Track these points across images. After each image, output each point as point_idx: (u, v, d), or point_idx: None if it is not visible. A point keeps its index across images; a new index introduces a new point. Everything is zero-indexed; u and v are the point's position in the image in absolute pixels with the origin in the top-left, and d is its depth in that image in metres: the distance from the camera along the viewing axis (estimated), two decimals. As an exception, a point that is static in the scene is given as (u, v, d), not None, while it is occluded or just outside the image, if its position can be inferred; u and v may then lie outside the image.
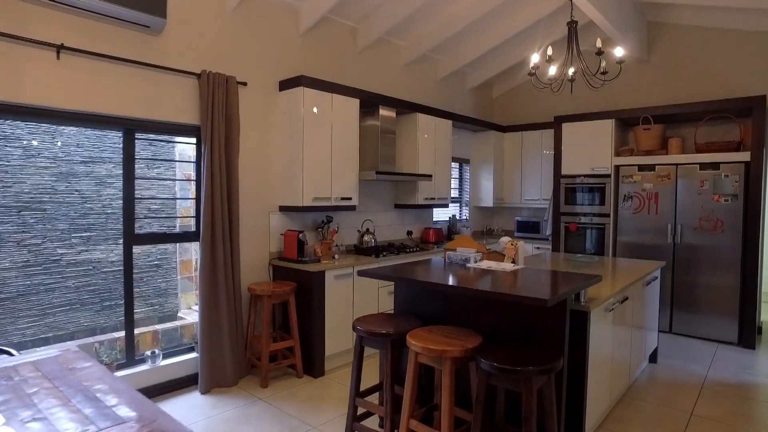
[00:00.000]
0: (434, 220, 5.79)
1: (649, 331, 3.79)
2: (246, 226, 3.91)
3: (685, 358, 4.17)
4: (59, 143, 3.12)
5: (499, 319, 2.53)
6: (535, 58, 3.63)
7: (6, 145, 2.90)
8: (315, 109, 3.98)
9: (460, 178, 6.37)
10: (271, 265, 4.08)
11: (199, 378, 3.50)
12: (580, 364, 2.48)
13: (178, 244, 3.83)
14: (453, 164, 6.22)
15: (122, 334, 3.38)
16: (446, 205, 5.46)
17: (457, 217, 6.32)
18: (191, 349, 3.72)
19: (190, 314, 4.03)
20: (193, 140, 3.72)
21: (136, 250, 3.47)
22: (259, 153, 4.00)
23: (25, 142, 2.98)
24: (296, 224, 4.27)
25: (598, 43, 3.31)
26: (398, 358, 2.95)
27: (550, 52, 3.50)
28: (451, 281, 2.44)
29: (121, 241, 3.33)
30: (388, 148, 4.72)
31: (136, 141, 3.37)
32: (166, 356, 3.56)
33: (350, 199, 4.30)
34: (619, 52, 3.47)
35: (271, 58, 4.06)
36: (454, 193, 6.27)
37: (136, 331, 3.47)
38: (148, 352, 3.43)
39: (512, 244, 2.89)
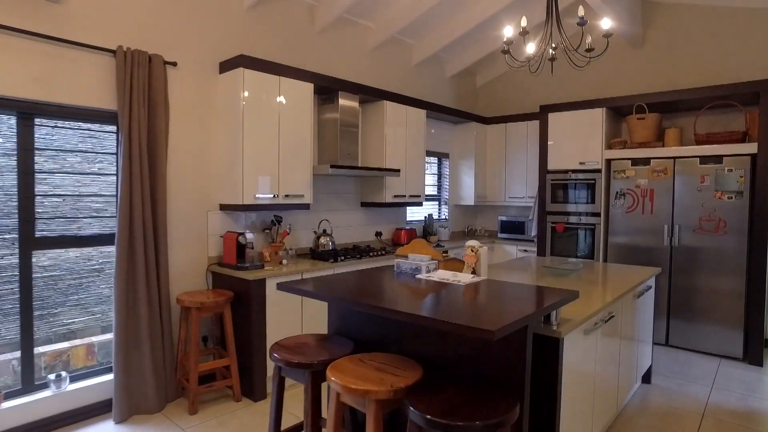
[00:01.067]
0: (408, 219, 5.28)
1: (642, 348, 3.28)
2: (178, 227, 3.40)
3: (683, 377, 3.65)
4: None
5: (447, 347, 2.02)
6: (508, 32, 3.11)
7: None
8: (258, 94, 3.46)
9: (439, 174, 5.86)
10: (210, 271, 3.57)
11: (113, 404, 2.99)
12: (550, 401, 1.96)
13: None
14: (430, 159, 5.71)
15: (18, 354, 2.87)
16: (420, 204, 4.95)
17: (435, 217, 5.81)
18: (110, 370, 3.21)
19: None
20: (114, 128, 3.21)
21: (74, 253, 2.98)
22: (195, 144, 3.49)
23: None
24: (241, 225, 3.75)
25: (581, 11, 2.79)
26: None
27: (524, 23, 2.99)
28: (385, 298, 1.93)
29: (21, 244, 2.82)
30: (349, 139, 4.21)
31: (59, 130, 2.86)
32: (77, 378, 3.05)
33: (302, 196, 3.78)
34: (606, 23, 2.95)
35: (209, 36, 3.54)
36: (432, 191, 5.76)
37: (67, 344, 2.98)
38: (52, 376, 2.91)
39: (473, 251, 2.38)
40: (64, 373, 2.96)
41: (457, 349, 1.99)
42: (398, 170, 4.37)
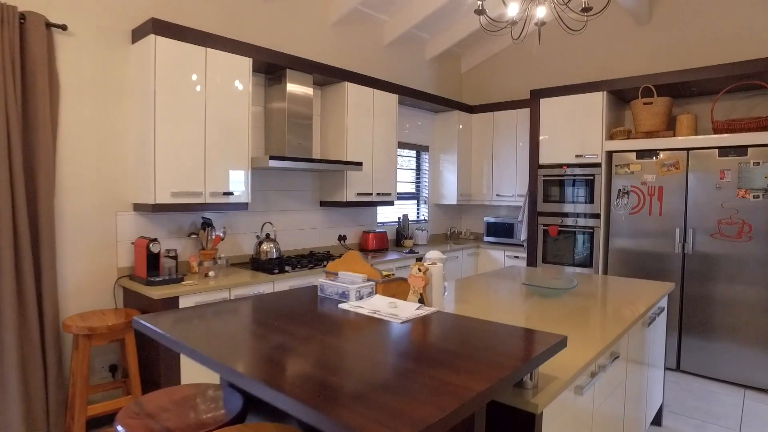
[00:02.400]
0: (378, 221, 4.61)
1: (652, 386, 2.61)
2: (76, 232, 2.73)
3: (701, 416, 2.98)
4: None
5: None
6: (481, -16, 2.44)
7: None
8: (175, 68, 2.79)
9: (418, 170, 5.19)
10: (120, 286, 2.91)
11: (-28, 463, 2.32)
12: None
13: None
14: (407, 152, 5.04)
15: None
16: (391, 203, 4.28)
17: (413, 218, 5.14)
18: (-21, 414, 2.54)
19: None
20: (-16, 108, 2.53)
21: None
22: (101, 130, 2.82)
23: None
24: (163, 229, 3.09)
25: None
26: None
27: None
28: (269, 343, 1.26)
29: None
30: (299, 126, 3.54)
31: None
32: (-69, 428, 2.39)
33: (235, 194, 3.11)
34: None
35: (116, -5, 2.87)
36: (409, 188, 5.08)
37: None
38: None
39: (420, 271, 1.70)
40: None
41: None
42: (360, 163, 3.70)
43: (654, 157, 3.76)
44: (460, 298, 2.30)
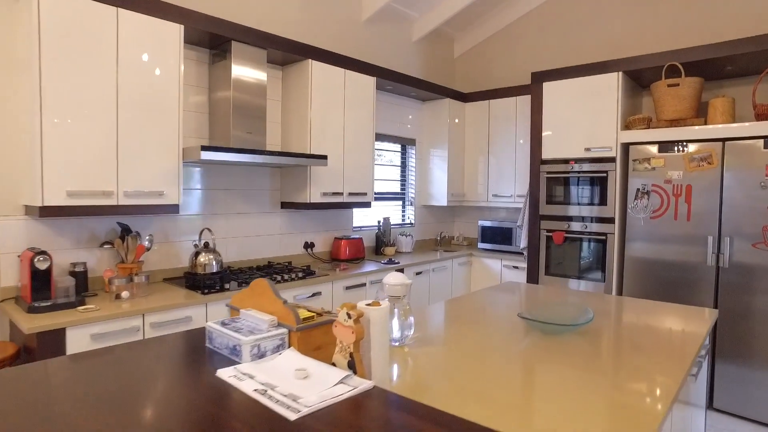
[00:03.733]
0: (354, 225, 3.97)
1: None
2: (-64, 245, 2.11)
3: (746, 478, 2.34)
4: None
5: None
6: None
7: None
8: (72, 31, 2.16)
9: (404, 166, 4.55)
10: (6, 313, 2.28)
11: None
12: None
13: None
14: (391, 145, 4.40)
15: None
16: (367, 204, 3.64)
17: (397, 221, 4.50)
18: None
19: None
20: None
21: None
22: (-27, 110, 2.20)
23: None
24: (67, 238, 2.46)
25: None
26: None
27: None
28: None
29: None
30: (250, 111, 2.91)
31: None
32: None
33: (161, 194, 2.48)
34: None
35: (-1, -60, 2.24)
36: (392, 187, 4.45)
37: None
38: None
39: (350, 317, 1.06)
40: None
41: None
42: (324, 157, 3.06)
43: (681, 150, 3.11)
44: (431, 338, 1.66)
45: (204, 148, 2.44)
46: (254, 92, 2.92)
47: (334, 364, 1.11)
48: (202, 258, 2.70)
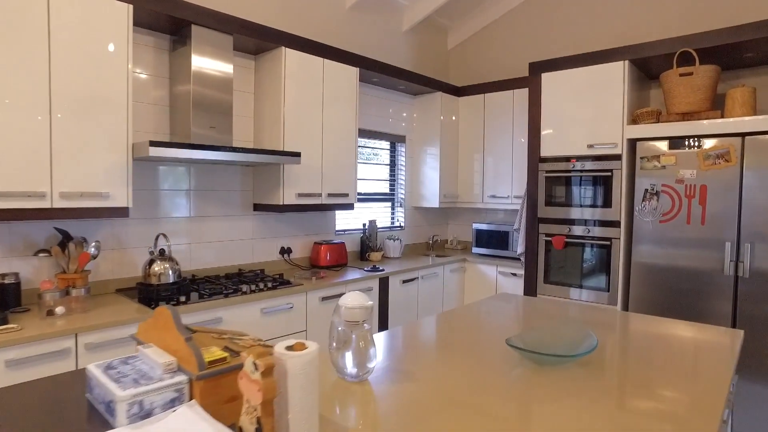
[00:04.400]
0: (337, 229, 3.67)
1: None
2: None
3: None
4: None
5: None
6: None
7: None
8: (-10, 5, 1.87)
9: (393, 165, 4.25)
10: (-76, 330, 1.99)
11: None
12: None
13: None
14: (378, 143, 4.11)
15: None
16: (349, 206, 3.35)
17: (385, 225, 4.20)
18: None
19: None
20: None
21: None
22: None
23: None
24: (1, 243, 2.17)
25: None
26: None
27: None
28: None
29: None
30: (212, 103, 2.61)
31: None
32: None
33: (107, 196, 2.19)
34: None
35: None
36: (380, 188, 4.15)
37: None
38: None
39: (257, 368, 0.77)
40: None
41: None
42: (297, 154, 2.77)
43: (694, 146, 2.80)
44: (400, 371, 1.36)
45: (153, 144, 2.15)
46: (218, 83, 2.62)
47: (240, 429, 0.81)
48: (157, 267, 2.40)
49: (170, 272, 2.43)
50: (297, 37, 2.95)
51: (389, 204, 4.20)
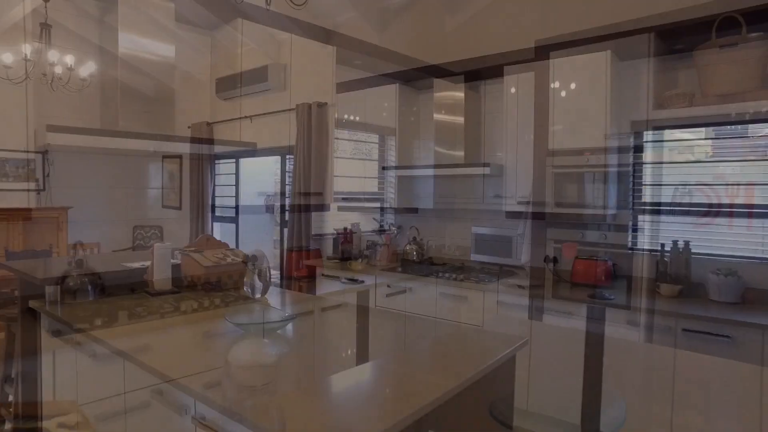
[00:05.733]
0: (313, 234, 3.22)
1: None
2: None
3: None
4: None
5: None
6: None
7: None
8: None
9: (383, 161, 3.78)
10: None
11: None
12: None
13: None
14: (364, 136, 3.64)
15: None
16: (324, 207, 2.89)
17: (376, 228, 3.73)
18: None
19: None
20: None
21: None
22: None
23: None
24: None
25: None
26: None
27: None
28: None
29: None
30: (143, 91, 2.17)
31: None
32: None
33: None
34: None
35: None
36: (367, 186, 3.68)
37: None
38: None
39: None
40: None
41: None
42: (254, 144, 2.32)
43: (736, 137, 2.28)
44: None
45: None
46: (151, 63, 2.18)
47: None
48: (71, 281, 1.96)
49: (87, 285, 1.98)
50: (252, 5, 2.49)
51: (378, 205, 3.73)
